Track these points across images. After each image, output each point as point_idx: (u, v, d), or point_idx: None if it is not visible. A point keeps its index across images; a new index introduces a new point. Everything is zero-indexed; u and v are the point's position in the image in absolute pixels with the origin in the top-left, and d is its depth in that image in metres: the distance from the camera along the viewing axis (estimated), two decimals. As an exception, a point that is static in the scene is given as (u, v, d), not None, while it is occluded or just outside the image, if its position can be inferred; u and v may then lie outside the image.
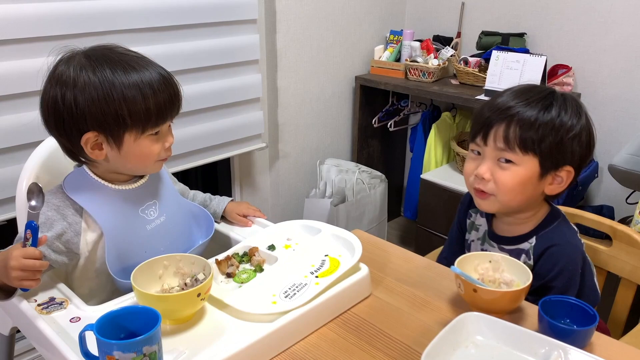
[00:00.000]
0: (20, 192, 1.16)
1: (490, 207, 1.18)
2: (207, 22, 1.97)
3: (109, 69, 1.00)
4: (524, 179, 1.11)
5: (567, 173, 1.13)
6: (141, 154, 1.06)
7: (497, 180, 1.12)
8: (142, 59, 1.06)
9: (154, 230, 1.12)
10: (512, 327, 0.92)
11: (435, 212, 2.44)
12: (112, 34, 1.74)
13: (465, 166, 1.19)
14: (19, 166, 1.19)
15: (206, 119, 2.08)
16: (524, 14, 2.45)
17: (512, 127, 1.09)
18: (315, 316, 1.00)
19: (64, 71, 1.01)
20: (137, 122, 1.02)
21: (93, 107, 0.99)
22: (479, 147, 1.15)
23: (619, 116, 2.25)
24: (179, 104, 1.09)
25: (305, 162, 2.66)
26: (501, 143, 1.10)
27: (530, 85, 1.18)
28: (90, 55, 1.03)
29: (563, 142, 1.09)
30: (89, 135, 1.02)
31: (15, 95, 1.57)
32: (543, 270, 1.15)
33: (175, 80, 1.08)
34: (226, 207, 1.33)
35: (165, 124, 1.07)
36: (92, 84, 0.99)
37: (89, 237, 1.07)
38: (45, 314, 0.97)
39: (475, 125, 1.16)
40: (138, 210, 1.11)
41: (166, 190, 1.18)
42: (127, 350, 0.77)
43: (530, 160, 1.10)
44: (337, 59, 2.62)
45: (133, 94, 1.00)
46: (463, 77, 2.48)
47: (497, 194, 1.13)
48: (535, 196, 1.16)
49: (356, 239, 1.13)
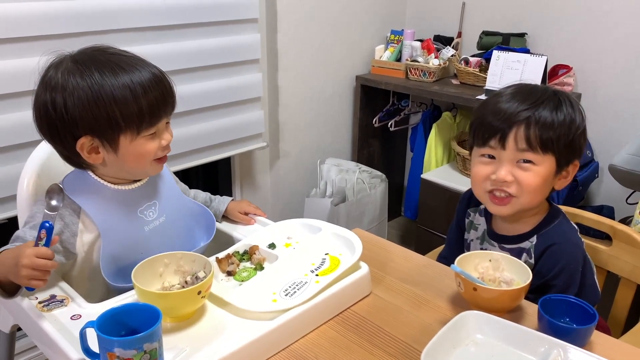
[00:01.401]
0: (21, 190, 1.17)
1: (509, 211, 1.16)
2: (208, 22, 1.98)
3: (97, 71, 0.98)
4: (545, 178, 1.12)
5: (573, 167, 1.16)
6: (139, 155, 1.04)
7: (520, 181, 1.12)
8: (132, 59, 1.04)
9: (153, 232, 1.12)
10: (512, 325, 0.92)
11: (435, 212, 2.45)
12: (112, 33, 1.74)
13: (476, 171, 1.17)
14: (20, 165, 1.20)
15: (207, 118, 2.08)
16: (524, 14, 2.45)
17: (532, 129, 1.09)
18: (316, 314, 1.00)
19: (53, 77, 1.00)
20: (131, 124, 1.01)
21: (84, 112, 0.98)
22: (494, 150, 1.13)
23: (619, 116, 2.25)
24: (173, 101, 1.07)
25: (306, 162, 2.67)
26: (523, 144, 1.10)
27: (530, 86, 1.19)
28: (78, 59, 1.01)
29: (574, 138, 1.12)
30: (83, 140, 1.01)
31: (16, 94, 1.57)
32: (544, 268, 1.15)
33: (168, 77, 1.06)
34: (227, 206, 1.33)
35: (160, 122, 1.05)
36: (80, 88, 0.98)
37: (85, 238, 1.07)
38: (46, 311, 0.97)
39: (482, 131, 1.14)
40: (137, 211, 1.10)
41: (167, 189, 1.18)
42: (127, 347, 0.77)
43: (549, 159, 1.12)
44: (338, 58, 2.62)
45: (123, 95, 0.98)
46: (464, 77, 2.48)
47: (521, 195, 1.13)
48: (548, 193, 1.18)
49: (356, 238, 1.14)
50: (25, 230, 1.04)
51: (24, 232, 1.03)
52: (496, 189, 1.14)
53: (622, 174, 1.74)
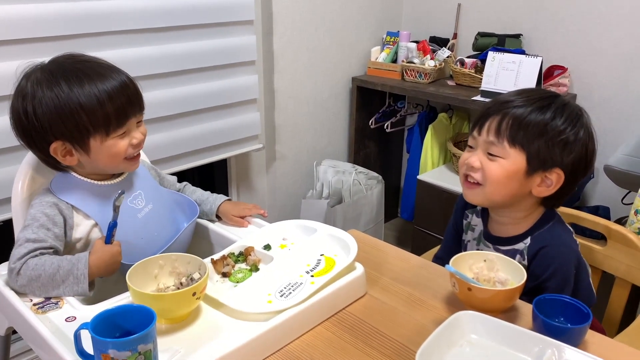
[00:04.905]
0: (15, 193, 1.17)
1: (475, 198, 1.20)
2: (204, 23, 1.98)
3: (63, 81, 1.04)
4: (510, 173, 1.13)
5: (557, 176, 1.13)
6: (111, 154, 1.10)
7: (485, 170, 1.14)
8: (100, 66, 1.09)
9: (146, 218, 1.18)
10: (507, 325, 0.92)
11: (431, 213, 2.45)
12: (108, 35, 1.74)
13: (461, 157, 1.22)
14: (14, 167, 1.19)
15: (203, 120, 2.08)
16: (520, 15, 2.46)
17: (505, 121, 1.12)
18: (311, 315, 1.00)
19: (24, 86, 1.07)
20: (99, 128, 1.06)
21: (53, 120, 1.04)
22: (474, 139, 1.17)
23: (614, 117, 2.26)
24: (140, 102, 1.12)
25: (302, 163, 2.67)
26: (492, 135, 1.13)
27: (537, 88, 1.21)
28: (47, 69, 1.07)
29: (552, 144, 1.11)
30: (55, 145, 1.07)
31: (10, 96, 1.56)
32: (537, 270, 1.15)
33: (134, 81, 1.12)
34: (221, 206, 1.33)
35: (128, 122, 1.10)
36: (48, 97, 1.04)
37: (77, 234, 1.12)
38: (40, 313, 0.98)
39: (476, 117, 1.19)
40: (127, 201, 1.16)
41: (146, 182, 1.24)
42: (122, 348, 0.77)
43: (518, 155, 1.12)
44: (334, 60, 2.62)
45: (90, 102, 1.04)
46: (459, 78, 2.48)
47: (485, 184, 1.15)
48: (521, 194, 1.16)
49: (352, 239, 1.14)
50: (35, 231, 1.06)
51: (36, 234, 1.05)
52: (468, 174, 1.18)
53: (617, 174, 1.75)
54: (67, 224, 1.10)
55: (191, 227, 1.25)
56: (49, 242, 1.06)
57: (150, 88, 1.88)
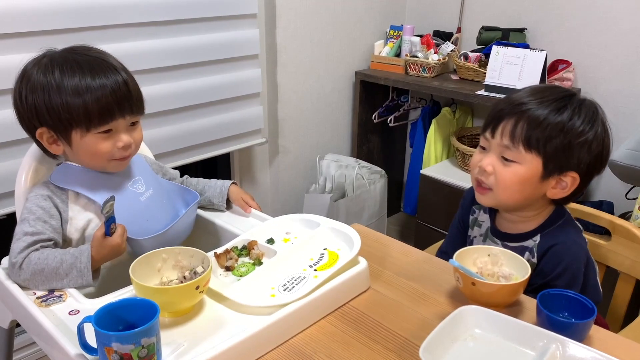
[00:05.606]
0: (19, 186, 1.17)
1: (488, 202, 1.18)
2: (207, 17, 1.97)
3: (58, 70, 1.05)
4: (524, 179, 1.10)
5: (572, 179, 1.11)
6: (89, 152, 1.09)
7: (497, 175, 1.12)
8: (100, 62, 1.08)
9: (148, 201, 1.19)
10: (511, 320, 0.92)
11: (435, 208, 2.44)
12: (112, 28, 1.74)
13: (472, 158, 1.19)
14: (18, 161, 1.19)
15: (206, 114, 2.08)
16: (524, 9, 2.44)
17: (520, 124, 1.08)
18: (314, 309, 1.00)
19: (28, 68, 1.08)
20: (80, 122, 1.06)
21: (39, 106, 1.06)
22: (487, 140, 1.14)
23: (619, 112, 2.25)
24: (132, 104, 1.10)
25: (305, 158, 2.66)
26: (507, 139, 1.10)
27: (551, 86, 1.18)
28: (53, 56, 1.08)
29: (570, 147, 1.08)
30: (41, 131, 1.08)
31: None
32: (547, 268, 1.14)
33: (130, 83, 1.10)
34: (231, 187, 1.35)
35: (114, 122, 1.08)
36: (40, 83, 1.05)
37: (76, 223, 1.12)
38: (44, 306, 0.98)
39: (488, 117, 1.16)
40: (128, 186, 1.17)
41: (144, 170, 1.24)
42: (125, 341, 0.77)
43: (534, 160, 1.09)
44: (337, 54, 2.62)
45: (72, 95, 1.04)
46: (463, 73, 2.47)
47: (496, 189, 1.13)
48: (535, 197, 1.15)
49: (355, 233, 1.13)
50: (32, 224, 1.06)
51: (34, 227, 1.06)
52: (480, 179, 1.16)
53: (621, 169, 1.74)
54: (62, 218, 1.11)
55: (193, 210, 1.25)
56: (47, 234, 1.06)
57: (153, 82, 1.87)
